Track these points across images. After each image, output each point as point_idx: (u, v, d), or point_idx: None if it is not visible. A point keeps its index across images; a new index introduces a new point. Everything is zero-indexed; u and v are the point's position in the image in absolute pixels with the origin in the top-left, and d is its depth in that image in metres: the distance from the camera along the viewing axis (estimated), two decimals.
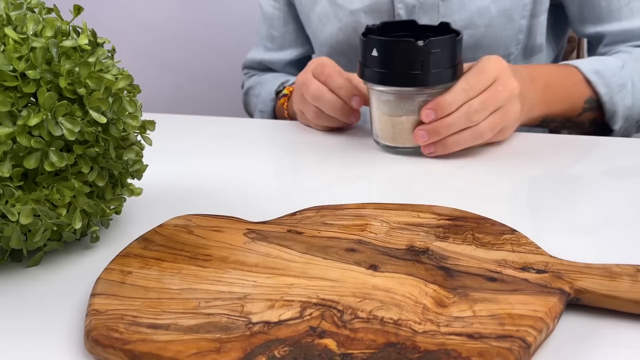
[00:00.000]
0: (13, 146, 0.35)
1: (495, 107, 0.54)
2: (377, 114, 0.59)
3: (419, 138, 0.55)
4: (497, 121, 0.55)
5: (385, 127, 0.58)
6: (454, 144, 0.56)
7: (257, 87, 0.95)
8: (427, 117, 0.54)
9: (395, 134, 0.58)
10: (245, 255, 0.37)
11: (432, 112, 0.54)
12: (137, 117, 0.40)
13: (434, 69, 0.54)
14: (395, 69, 0.55)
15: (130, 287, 0.34)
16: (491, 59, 0.56)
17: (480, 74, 0.54)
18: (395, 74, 0.55)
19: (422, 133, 0.55)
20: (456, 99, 0.54)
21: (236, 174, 0.57)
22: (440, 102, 0.54)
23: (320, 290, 0.33)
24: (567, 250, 0.38)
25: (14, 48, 0.35)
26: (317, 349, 0.28)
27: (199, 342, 0.29)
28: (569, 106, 0.67)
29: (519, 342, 0.28)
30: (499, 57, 0.56)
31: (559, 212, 0.46)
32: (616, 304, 0.32)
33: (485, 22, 0.76)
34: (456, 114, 0.54)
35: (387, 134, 0.59)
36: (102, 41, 0.40)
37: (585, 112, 0.68)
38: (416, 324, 0.30)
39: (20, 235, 0.37)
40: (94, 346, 0.29)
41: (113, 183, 0.42)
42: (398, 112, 0.57)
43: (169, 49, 1.67)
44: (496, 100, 0.54)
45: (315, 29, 0.87)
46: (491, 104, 0.54)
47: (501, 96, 0.54)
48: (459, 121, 0.54)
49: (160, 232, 0.40)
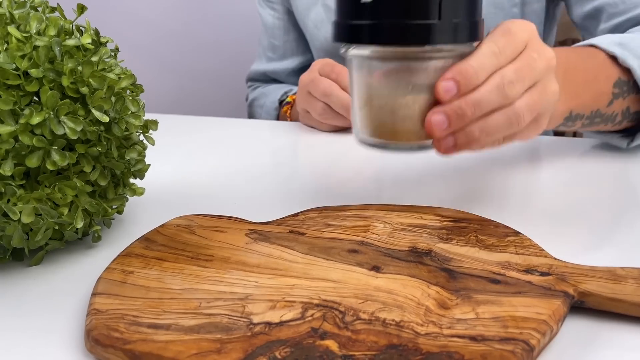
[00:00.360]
0: (15, 145, 0.35)
1: (532, 80, 0.40)
2: (365, 96, 0.40)
3: (435, 126, 0.37)
4: (535, 99, 0.40)
5: (380, 115, 0.39)
6: (483, 133, 0.39)
7: (261, 98, 0.95)
8: (447, 92, 0.37)
9: (395, 124, 0.39)
10: (247, 255, 0.37)
11: (453, 85, 0.37)
12: (139, 116, 0.40)
13: (454, 18, 0.37)
14: (398, 17, 0.37)
15: (132, 286, 0.34)
16: (516, 21, 0.41)
17: (508, 35, 0.40)
18: (397, 25, 0.37)
19: (439, 118, 0.37)
20: (484, 64, 0.38)
21: (238, 174, 0.57)
22: (465, 70, 0.37)
23: (322, 291, 0.33)
24: (572, 253, 0.38)
25: (16, 46, 0.35)
26: (318, 350, 0.28)
27: (200, 342, 0.28)
28: (596, 94, 0.53)
29: (522, 345, 0.28)
30: (523, 20, 0.42)
31: (564, 214, 0.45)
32: (621, 307, 0.31)
33: None
34: (486, 86, 0.38)
35: (384, 126, 0.40)
36: (105, 40, 0.40)
37: (617, 100, 0.54)
38: (418, 326, 0.29)
39: (22, 234, 0.37)
40: (94, 346, 0.29)
41: (115, 182, 0.42)
42: (400, 89, 0.38)
43: (173, 50, 1.67)
44: (533, 71, 0.40)
45: (312, 35, 0.88)
46: (528, 75, 0.39)
47: (538, 66, 0.40)
48: (490, 97, 0.38)
49: (162, 232, 0.40)
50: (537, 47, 0.41)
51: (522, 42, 0.40)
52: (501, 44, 0.39)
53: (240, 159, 0.62)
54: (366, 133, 0.41)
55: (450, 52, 0.38)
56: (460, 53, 0.38)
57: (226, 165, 0.59)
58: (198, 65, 1.67)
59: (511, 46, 0.39)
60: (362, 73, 0.40)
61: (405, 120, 0.39)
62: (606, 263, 0.36)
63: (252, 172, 0.57)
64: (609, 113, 0.54)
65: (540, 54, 0.40)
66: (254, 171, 0.58)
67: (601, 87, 0.53)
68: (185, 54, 1.66)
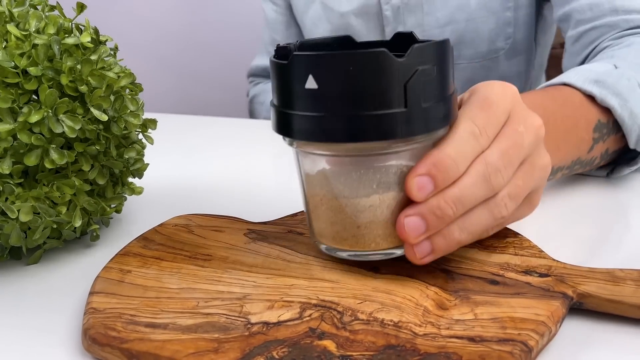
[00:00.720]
0: (13, 143, 0.35)
1: (520, 160, 0.33)
2: (319, 196, 0.33)
3: (410, 231, 0.31)
4: (521, 184, 0.34)
5: (340, 219, 0.33)
6: (464, 232, 0.33)
7: (261, 95, 0.95)
8: (421, 191, 0.31)
9: (359, 229, 0.32)
10: (245, 255, 0.37)
11: (428, 181, 0.31)
12: (138, 115, 0.40)
13: (424, 102, 0.30)
14: (356, 108, 0.29)
15: (129, 285, 0.34)
16: (495, 86, 0.35)
17: (487, 107, 0.33)
18: (356, 119, 0.29)
19: (414, 221, 0.31)
20: (464, 151, 0.31)
21: (237, 174, 0.57)
22: (441, 161, 0.31)
23: (321, 291, 0.32)
24: (570, 254, 0.38)
25: (16, 45, 0.35)
26: (316, 350, 0.28)
27: (197, 341, 0.28)
28: (577, 142, 0.47)
29: (521, 346, 0.27)
30: (502, 81, 0.36)
31: (563, 215, 0.45)
32: (619, 308, 0.31)
33: (465, 16, 0.74)
34: (468, 178, 0.31)
35: (345, 232, 0.33)
36: (104, 39, 0.40)
37: (597, 144, 0.48)
38: (417, 327, 0.29)
39: (20, 233, 0.37)
40: (91, 344, 0.29)
41: (114, 181, 0.42)
42: (363, 188, 0.32)
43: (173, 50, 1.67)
44: (520, 150, 0.33)
45: (309, 32, 0.88)
46: (515, 156, 0.33)
47: (526, 141, 0.34)
48: (474, 190, 0.32)
49: (160, 231, 0.40)
50: (521, 116, 0.34)
51: (505, 114, 0.34)
52: (481, 121, 0.32)
53: (239, 159, 0.62)
54: (323, 239, 0.34)
55: (422, 141, 0.31)
56: (434, 138, 0.32)
57: (225, 165, 0.59)
58: (198, 66, 1.67)
59: (493, 122, 0.33)
60: (313, 170, 0.33)
61: (371, 225, 0.32)
62: (605, 265, 0.36)
63: (251, 172, 0.57)
64: (589, 159, 0.49)
65: (526, 126, 0.34)
66: (252, 171, 0.58)
67: (581, 134, 0.47)
68: (185, 54, 1.66)
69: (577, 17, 0.65)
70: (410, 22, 0.78)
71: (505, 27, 0.75)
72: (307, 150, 0.32)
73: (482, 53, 0.79)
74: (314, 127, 0.30)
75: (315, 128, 0.30)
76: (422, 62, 0.29)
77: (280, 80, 0.32)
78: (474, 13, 0.74)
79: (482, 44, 0.76)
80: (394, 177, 0.32)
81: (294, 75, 0.30)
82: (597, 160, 0.50)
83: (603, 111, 0.49)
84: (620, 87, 0.48)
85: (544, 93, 0.49)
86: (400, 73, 0.29)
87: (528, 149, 0.34)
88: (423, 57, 0.30)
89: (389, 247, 0.33)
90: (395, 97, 0.29)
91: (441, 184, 0.31)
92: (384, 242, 0.33)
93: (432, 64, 0.30)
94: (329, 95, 0.29)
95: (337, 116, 0.29)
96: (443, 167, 0.31)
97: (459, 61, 0.80)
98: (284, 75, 0.31)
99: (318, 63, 0.29)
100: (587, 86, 0.48)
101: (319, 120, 0.30)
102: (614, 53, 0.56)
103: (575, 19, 0.65)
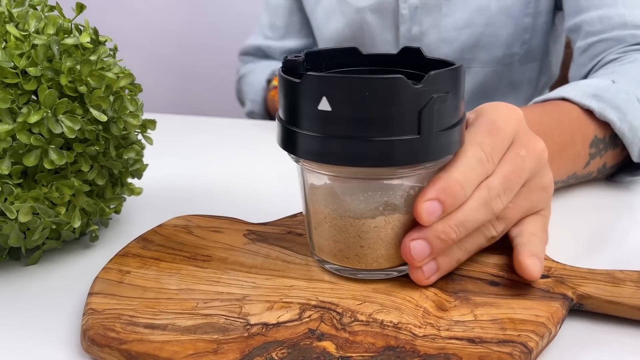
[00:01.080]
0: (13, 143, 0.35)
1: (519, 185, 0.34)
2: (323, 214, 0.33)
3: (416, 255, 0.32)
4: (511, 206, 0.35)
5: (344, 238, 0.33)
6: (465, 253, 0.34)
7: (249, 75, 0.93)
8: (430, 216, 0.31)
9: (362, 249, 0.33)
10: (244, 256, 0.37)
11: (438, 206, 0.31)
12: (138, 115, 0.40)
13: (437, 129, 0.30)
14: (369, 133, 0.29)
15: (128, 286, 0.34)
16: (501, 108, 0.35)
17: (494, 132, 0.34)
18: (369, 143, 0.29)
19: (420, 245, 0.32)
20: (471, 177, 0.32)
21: (237, 175, 0.57)
22: (450, 187, 0.31)
23: (320, 293, 0.32)
24: (570, 256, 0.37)
25: (15, 45, 0.35)
26: (315, 352, 0.28)
27: (196, 342, 0.28)
28: (573, 157, 0.48)
29: (520, 347, 0.27)
30: (507, 104, 0.36)
31: (563, 216, 0.45)
32: (619, 310, 0.31)
33: (485, 20, 0.74)
34: (471, 203, 0.32)
35: (347, 250, 0.33)
36: (104, 39, 0.40)
37: (593, 160, 0.49)
38: (416, 328, 0.29)
39: (19, 233, 0.37)
40: (90, 345, 0.29)
41: (113, 182, 0.42)
42: (369, 210, 0.32)
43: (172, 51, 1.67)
44: (521, 175, 0.34)
45: (320, 23, 0.87)
46: (516, 181, 0.34)
47: (527, 166, 0.34)
48: (476, 215, 0.32)
49: (160, 232, 0.40)
50: (524, 140, 0.35)
51: (510, 138, 0.34)
52: (488, 147, 0.33)
53: (239, 160, 0.62)
54: (325, 256, 0.34)
55: (431, 167, 0.32)
56: (443, 162, 0.32)
57: (224, 166, 0.59)
58: (197, 66, 1.67)
59: (499, 148, 0.34)
60: (318, 187, 0.33)
61: (375, 246, 0.33)
62: (605, 266, 0.36)
63: (251, 173, 0.57)
64: (585, 173, 0.50)
65: (529, 150, 0.35)
66: (252, 172, 0.58)
67: (577, 149, 0.48)
68: (185, 55, 1.66)
69: (586, 29, 0.65)
70: (426, 23, 0.78)
71: (522, 33, 0.75)
72: (314, 169, 0.32)
73: (498, 58, 0.79)
74: (325, 148, 0.30)
75: (326, 150, 0.30)
76: (437, 89, 0.29)
77: (290, 97, 0.31)
78: (494, 17, 0.74)
79: (499, 49, 0.76)
80: (400, 200, 0.32)
81: (307, 95, 0.30)
82: (594, 175, 0.51)
83: (601, 126, 0.49)
84: (618, 101, 0.49)
85: (541, 109, 0.49)
86: (415, 100, 0.29)
87: (529, 172, 0.35)
88: (439, 84, 0.29)
89: (391, 266, 0.33)
90: (409, 123, 0.29)
91: (449, 208, 0.31)
92: (386, 262, 0.33)
93: (446, 91, 0.30)
94: (342, 118, 0.29)
95: (349, 139, 0.29)
96: (452, 192, 0.31)
97: (473, 65, 0.79)
98: (295, 93, 0.31)
99: (333, 85, 0.29)
100: (586, 100, 0.49)
101: (330, 142, 0.30)
102: (615, 69, 0.57)
103: (584, 30, 0.65)
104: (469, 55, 0.76)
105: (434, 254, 0.32)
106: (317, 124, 0.30)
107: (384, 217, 0.32)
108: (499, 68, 0.80)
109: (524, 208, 0.36)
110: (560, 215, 0.46)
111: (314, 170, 0.32)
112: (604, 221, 0.45)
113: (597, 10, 0.64)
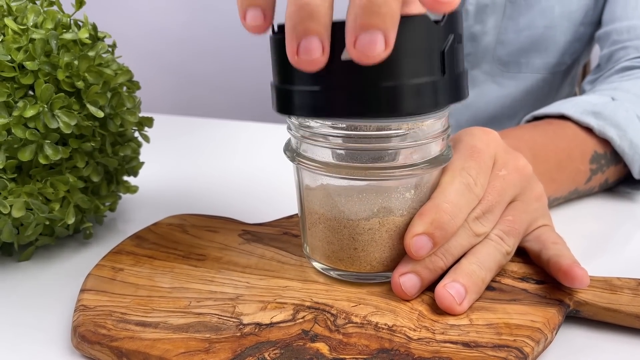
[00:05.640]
0: (8, 137, 0.34)
1: (505, 202, 0.35)
2: (317, 214, 0.33)
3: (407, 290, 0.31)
4: (521, 220, 0.35)
5: (338, 239, 0.32)
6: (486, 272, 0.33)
7: None
8: (420, 250, 0.31)
9: (356, 251, 0.32)
10: (239, 256, 0.36)
11: (427, 241, 0.31)
12: (135, 113, 0.40)
13: (457, 68, 0.28)
14: (386, 77, 0.26)
15: (121, 284, 0.33)
16: (474, 131, 0.36)
17: (477, 156, 0.34)
18: (394, 89, 0.26)
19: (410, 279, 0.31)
20: (460, 205, 0.32)
21: (233, 175, 0.56)
22: (439, 219, 0.31)
23: (314, 294, 0.32)
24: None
25: (13, 39, 0.35)
26: (308, 353, 0.27)
27: (188, 341, 0.28)
28: (572, 173, 0.47)
29: (516, 352, 0.27)
30: (482, 127, 0.36)
31: (559, 223, 0.45)
32: (616, 317, 0.31)
33: (546, 22, 0.73)
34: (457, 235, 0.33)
35: (341, 252, 0.33)
36: (102, 35, 0.40)
37: (595, 176, 0.49)
38: (411, 331, 0.29)
39: (12, 229, 0.36)
40: (80, 342, 0.29)
41: (108, 179, 0.42)
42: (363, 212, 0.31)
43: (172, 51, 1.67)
44: (504, 193, 0.34)
45: None
46: (497, 201, 0.34)
47: (510, 183, 0.35)
48: (457, 240, 0.33)
49: (154, 231, 0.40)
50: (504, 160, 0.35)
51: (491, 159, 0.35)
52: (474, 171, 0.33)
53: (235, 160, 0.61)
54: (316, 256, 0.34)
55: (426, 167, 0.31)
56: (437, 166, 0.31)
57: (221, 166, 0.59)
58: (196, 67, 1.67)
59: (484, 170, 0.33)
60: (313, 187, 0.32)
61: (369, 248, 0.32)
62: (602, 273, 0.36)
63: (247, 173, 0.57)
64: (587, 189, 0.49)
65: (509, 168, 0.35)
66: (248, 172, 0.57)
67: (577, 165, 0.47)
68: (184, 56, 1.66)
69: (614, 37, 0.66)
70: (490, 23, 0.76)
71: (575, 42, 0.74)
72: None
73: (550, 65, 0.77)
74: (341, 99, 0.26)
75: (343, 100, 0.26)
76: (455, 26, 0.28)
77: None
78: (555, 20, 0.72)
79: (554, 55, 0.75)
80: (396, 202, 0.31)
81: (333, 44, 0.25)
82: (596, 190, 0.50)
83: (600, 142, 0.48)
84: (618, 118, 0.48)
85: (533, 128, 0.49)
86: (439, 40, 0.27)
87: (514, 189, 0.35)
88: (456, 24, 0.28)
89: (384, 270, 0.33)
90: (435, 63, 0.27)
91: (440, 242, 0.31)
92: (379, 265, 0.33)
93: (459, 32, 0.28)
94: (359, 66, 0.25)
95: (376, 88, 0.26)
96: (440, 224, 0.31)
97: (523, 70, 0.78)
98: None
99: None
100: (585, 118, 0.48)
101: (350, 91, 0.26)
102: (617, 85, 0.56)
103: (612, 39, 0.66)
104: (523, 59, 0.75)
105: (423, 285, 0.32)
106: (344, 76, 0.26)
107: (378, 219, 0.31)
108: (547, 77, 0.78)
109: (526, 220, 0.36)
110: (558, 222, 0.45)
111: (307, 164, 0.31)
112: (602, 229, 0.45)
113: (628, 20, 0.64)
